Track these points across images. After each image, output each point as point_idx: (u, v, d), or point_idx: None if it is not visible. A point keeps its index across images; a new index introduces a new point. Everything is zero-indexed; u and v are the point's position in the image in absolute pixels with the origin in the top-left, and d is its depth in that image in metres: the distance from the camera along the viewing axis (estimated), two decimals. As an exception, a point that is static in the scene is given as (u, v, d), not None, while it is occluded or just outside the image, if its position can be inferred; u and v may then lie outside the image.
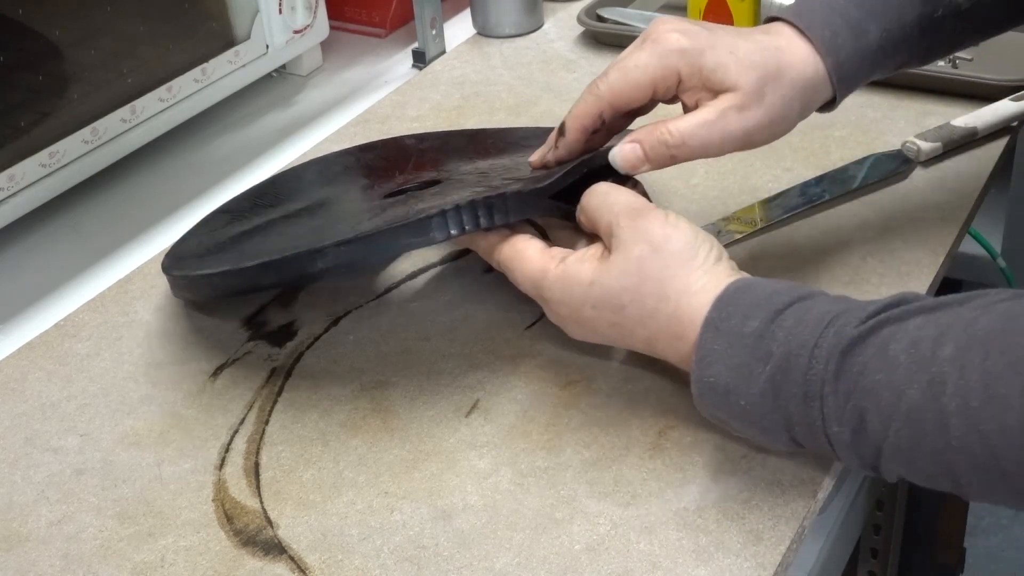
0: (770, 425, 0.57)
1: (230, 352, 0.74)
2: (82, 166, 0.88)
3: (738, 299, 0.59)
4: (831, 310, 0.56)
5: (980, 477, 0.51)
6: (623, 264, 0.62)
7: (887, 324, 0.54)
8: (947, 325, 0.52)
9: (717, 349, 0.58)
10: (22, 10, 0.82)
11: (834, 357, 0.54)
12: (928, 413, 0.51)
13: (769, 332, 0.56)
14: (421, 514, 0.61)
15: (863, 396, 0.53)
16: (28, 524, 0.63)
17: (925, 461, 0.52)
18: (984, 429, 0.49)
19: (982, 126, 0.88)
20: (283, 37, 1.03)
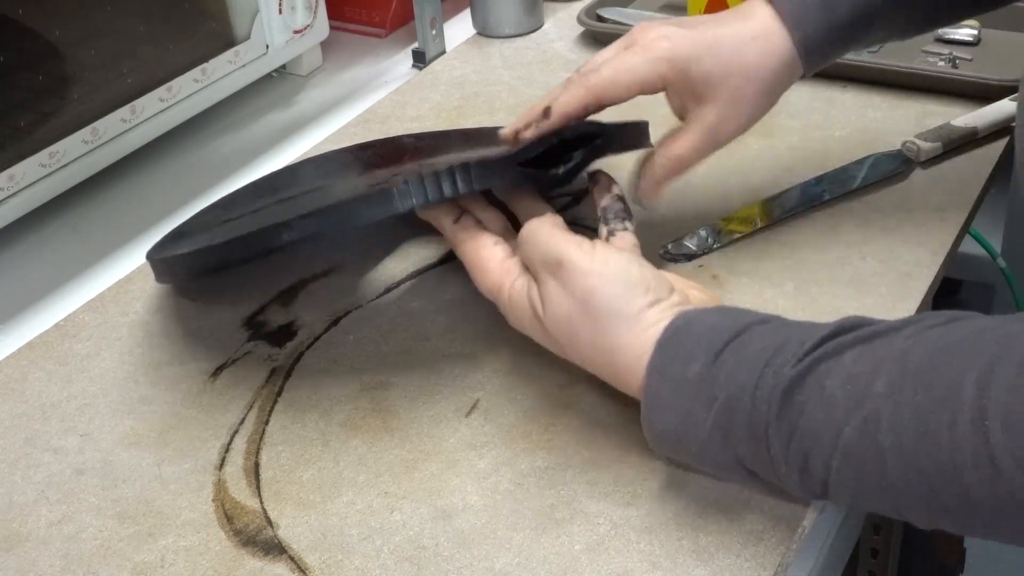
0: (725, 463, 0.57)
1: (230, 352, 0.74)
2: (82, 166, 0.88)
3: (679, 340, 0.58)
4: (769, 345, 0.55)
5: (923, 512, 0.51)
6: (554, 317, 0.62)
7: (823, 360, 0.53)
8: (881, 358, 0.52)
9: (663, 395, 0.58)
10: (22, 10, 0.82)
11: (775, 399, 0.54)
12: (867, 451, 0.51)
13: (710, 376, 0.56)
14: (421, 514, 0.61)
15: (804, 436, 0.53)
16: (28, 524, 0.63)
17: (869, 497, 0.53)
18: (920, 466, 0.50)
19: (982, 126, 0.88)
20: (283, 37, 1.03)
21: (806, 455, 0.53)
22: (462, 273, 0.79)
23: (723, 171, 0.87)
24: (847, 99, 0.96)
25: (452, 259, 0.80)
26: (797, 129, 0.92)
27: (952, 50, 1.01)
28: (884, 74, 0.96)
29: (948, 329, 0.52)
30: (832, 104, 0.95)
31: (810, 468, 0.54)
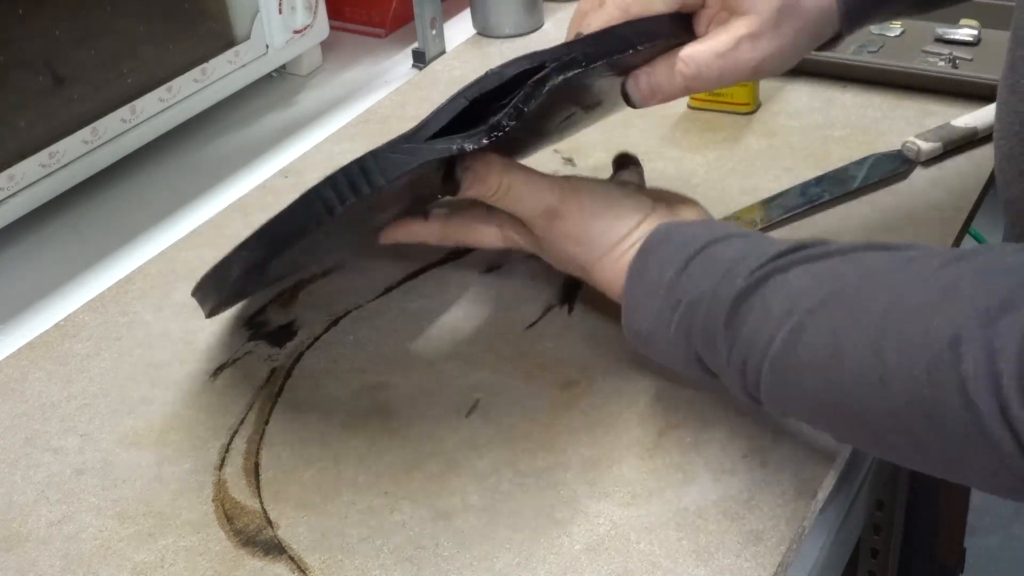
0: (687, 363, 0.61)
1: (230, 352, 0.74)
2: (82, 166, 0.88)
3: (658, 248, 0.63)
4: (733, 256, 0.59)
5: (835, 423, 0.55)
6: (551, 250, 0.68)
7: (773, 274, 0.56)
8: (819, 276, 0.55)
9: (639, 296, 0.63)
10: (22, 10, 0.82)
11: (724, 308, 0.57)
12: (788, 361, 0.54)
13: (679, 281, 0.60)
14: (421, 514, 0.61)
15: (743, 344, 0.56)
16: (28, 524, 0.63)
17: (791, 405, 0.57)
18: (829, 380, 0.52)
19: (982, 126, 0.88)
20: (283, 37, 1.03)
21: (744, 361, 0.57)
22: (462, 273, 0.79)
23: (723, 171, 0.87)
24: (847, 99, 0.96)
25: (452, 259, 0.80)
26: (797, 129, 0.92)
27: (952, 50, 1.01)
28: (884, 74, 0.96)
29: (882, 255, 0.54)
30: (832, 104, 0.95)
31: (747, 374, 0.57)
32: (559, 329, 0.74)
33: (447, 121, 0.60)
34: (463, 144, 0.59)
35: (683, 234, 0.63)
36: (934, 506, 1.22)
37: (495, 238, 0.71)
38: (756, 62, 0.65)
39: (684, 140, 0.92)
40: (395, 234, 0.73)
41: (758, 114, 0.95)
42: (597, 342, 0.72)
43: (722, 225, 0.64)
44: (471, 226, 0.72)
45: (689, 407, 0.67)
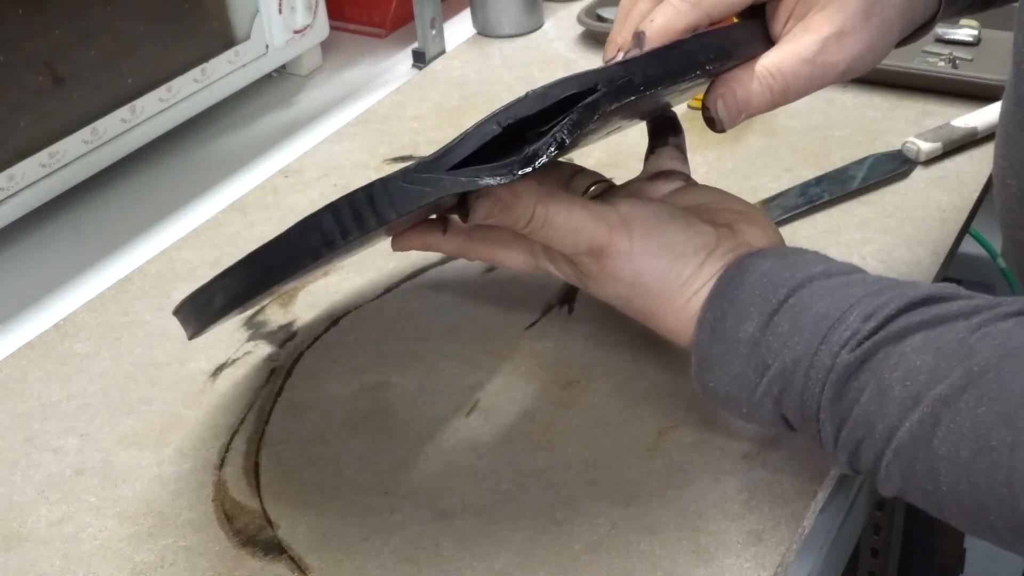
0: (773, 423, 0.56)
1: (230, 352, 0.74)
2: (82, 166, 0.88)
3: (731, 294, 0.55)
4: (828, 313, 0.53)
5: (970, 523, 0.50)
6: (601, 292, 0.59)
7: (883, 345, 0.51)
8: (946, 354, 0.49)
9: (715, 353, 0.56)
10: (22, 10, 0.82)
11: (830, 383, 0.52)
12: (919, 454, 0.49)
13: (764, 341, 0.54)
14: (421, 514, 0.61)
15: (857, 425, 0.51)
16: (28, 524, 0.63)
17: (915, 496, 0.51)
18: (973, 480, 0.47)
19: (982, 126, 0.88)
20: (283, 37, 1.03)
21: (858, 443, 0.52)
22: (462, 273, 0.79)
23: (723, 171, 0.87)
24: (847, 99, 0.96)
25: (452, 259, 0.80)
26: (797, 129, 0.92)
27: (952, 50, 1.01)
28: (884, 74, 0.96)
29: (1018, 326, 0.49)
30: (832, 104, 0.95)
31: (860, 456, 0.52)
32: (559, 329, 0.74)
33: (474, 149, 0.51)
34: (490, 178, 0.51)
35: (759, 277, 0.55)
36: (934, 506, 1.22)
37: (524, 264, 0.62)
38: (845, 64, 0.57)
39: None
40: (409, 243, 0.63)
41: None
42: (597, 342, 0.72)
43: (799, 258, 0.56)
44: (496, 247, 0.62)
45: (689, 407, 0.67)
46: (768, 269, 0.55)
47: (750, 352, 0.54)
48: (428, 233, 0.62)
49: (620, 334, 0.73)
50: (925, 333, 0.50)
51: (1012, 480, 0.46)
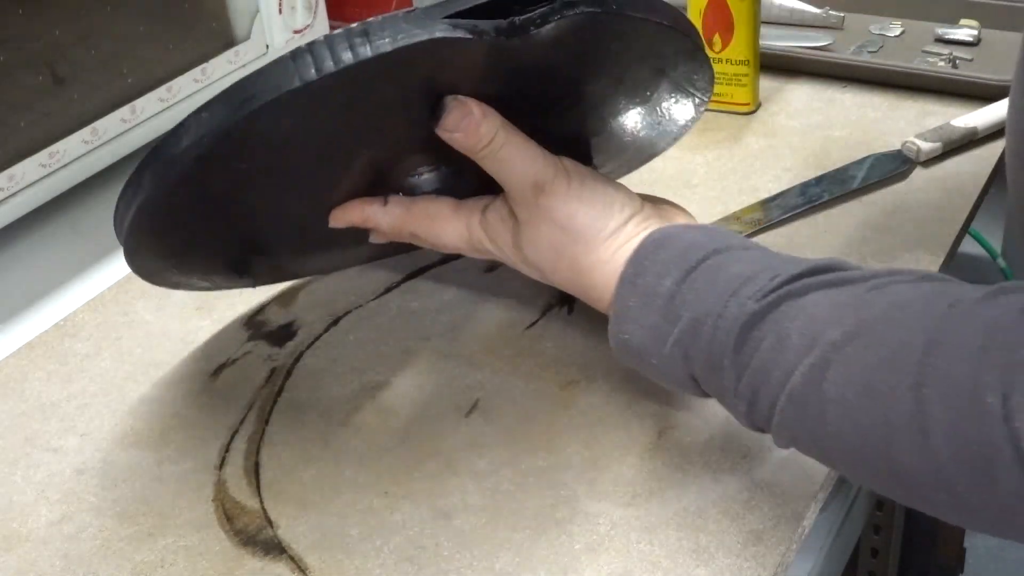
0: (681, 380, 0.58)
1: (230, 352, 0.74)
2: (82, 166, 0.88)
3: (654, 255, 0.59)
4: (741, 273, 0.55)
5: (851, 467, 0.52)
6: (535, 241, 0.62)
7: (787, 299, 0.53)
8: (841, 305, 0.52)
9: (632, 306, 0.58)
10: (22, 10, 0.82)
11: (734, 331, 0.54)
12: (810, 398, 0.51)
13: (680, 293, 0.56)
14: (421, 514, 0.61)
15: (756, 372, 0.53)
16: (28, 524, 0.63)
17: (807, 443, 0.53)
18: (858, 422, 0.49)
19: (982, 126, 0.88)
20: (283, 37, 1.02)
21: (755, 391, 0.54)
22: (462, 273, 0.79)
23: (723, 171, 0.87)
24: (847, 99, 0.96)
25: (452, 259, 0.80)
26: (797, 129, 0.92)
27: (952, 50, 1.01)
28: (884, 74, 0.97)
29: (912, 287, 0.51)
30: (832, 104, 0.95)
31: (758, 404, 0.54)
32: (559, 329, 0.74)
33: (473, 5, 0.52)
34: (486, 27, 0.51)
35: (682, 240, 0.59)
36: (934, 506, 1.22)
37: (458, 237, 0.65)
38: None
39: (684, 140, 0.91)
40: (349, 215, 0.66)
41: (758, 114, 0.95)
42: (597, 342, 0.72)
43: (721, 232, 0.60)
44: (435, 218, 0.65)
45: (689, 407, 0.67)
46: (692, 237, 0.59)
47: (665, 305, 0.57)
48: (368, 205, 0.65)
49: (620, 334, 0.73)
50: (826, 291, 0.53)
51: (890, 420, 0.48)
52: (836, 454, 0.52)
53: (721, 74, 0.93)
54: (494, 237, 0.64)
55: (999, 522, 0.48)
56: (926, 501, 0.49)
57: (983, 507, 0.47)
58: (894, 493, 0.52)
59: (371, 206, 0.66)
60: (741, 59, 0.92)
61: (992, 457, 0.45)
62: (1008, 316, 0.46)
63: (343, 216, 0.66)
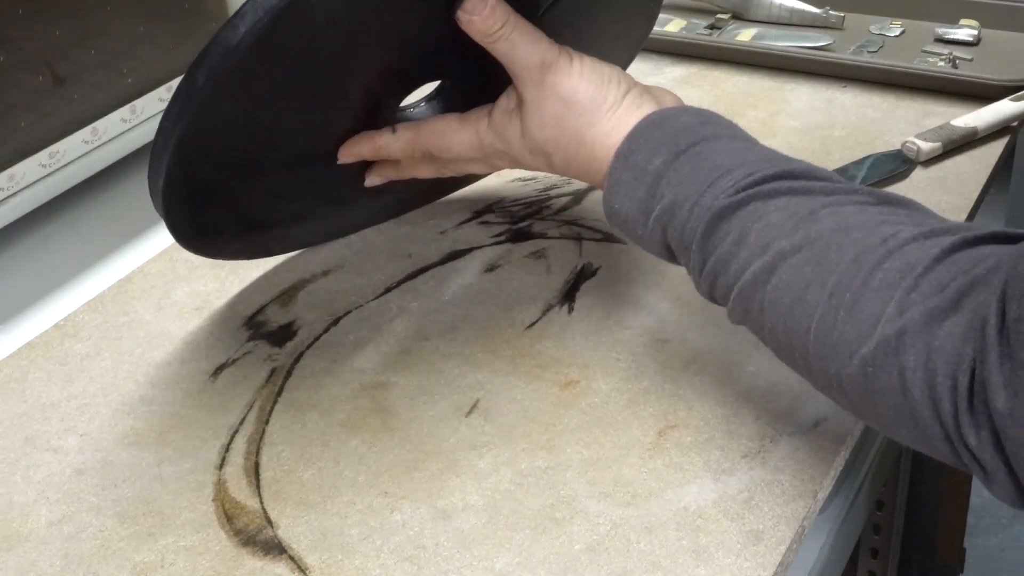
0: (660, 252, 0.63)
1: (230, 352, 0.74)
2: (82, 166, 0.88)
3: (649, 134, 0.63)
4: (722, 164, 0.60)
5: (783, 356, 0.58)
6: (542, 118, 0.66)
7: (755, 200, 0.58)
8: (799, 216, 0.57)
9: (624, 180, 0.63)
10: (22, 10, 0.82)
11: (703, 220, 0.59)
12: (755, 294, 0.57)
13: (666, 175, 0.61)
14: (421, 514, 0.61)
15: (718, 262, 0.59)
16: (28, 524, 0.63)
17: (752, 328, 0.60)
18: (788, 325, 0.56)
19: (982, 126, 0.88)
20: (283, 37, 1.02)
21: (715, 277, 0.60)
22: (462, 273, 0.79)
23: (723, 171, 0.87)
24: (847, 99, 0.96)
25: (452, 259, 0.80)
26: (797, 129, 0.92)
27: (952, 50, 1.01)
28: (884, 74, 0.97)
29: (860, 211, 0.57)
30: (832, 104, 0.95)
31: (716, 288, 0.60)
32: (559, 329, 0.74)
33: None
34: None
35: (676, 123, 0.63)
36: (934, 506, 1.22)
37: (470, 145, 0.70)
38: None
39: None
40: (359, 147, 0.70)
41: (758, 114, 0.95)
42: (597, 342, 0.72)
43: (712, 117, 0.64)
44: (444, 132, 0.70)
45: (689, 407, 0.67)
46: (685, 121, 0.64)
47: (653, 182, 0.62)
48: (378, 135, 0.70)
49: (620, 334, 0.73)
50: (789, 198, 0.58)
51: (810, 328, 0.55)
52: (770, 343, 0.59)
53: None
54: (501, 132, 0.68)
55: (883, 427, 0.55)
56: (832, 396, 0.57)
57: (872, 415, 0.54)
58: (812, 385, 0.58)
59: (381, 136, 0.70)
60: None
61: (883, 379, 0.51)
62: (925, 259, 0.52)
63: (353, 150, 0.70)
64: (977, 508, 1.69)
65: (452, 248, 0.82)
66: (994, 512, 1.72)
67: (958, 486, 1.25)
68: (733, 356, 0.70)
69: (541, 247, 0.82)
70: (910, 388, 0.51)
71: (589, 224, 0.83)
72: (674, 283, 0.76)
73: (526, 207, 0.86)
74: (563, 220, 0.84)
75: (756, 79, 0.99)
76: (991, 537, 1.71)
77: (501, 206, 0.86)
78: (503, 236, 0.83)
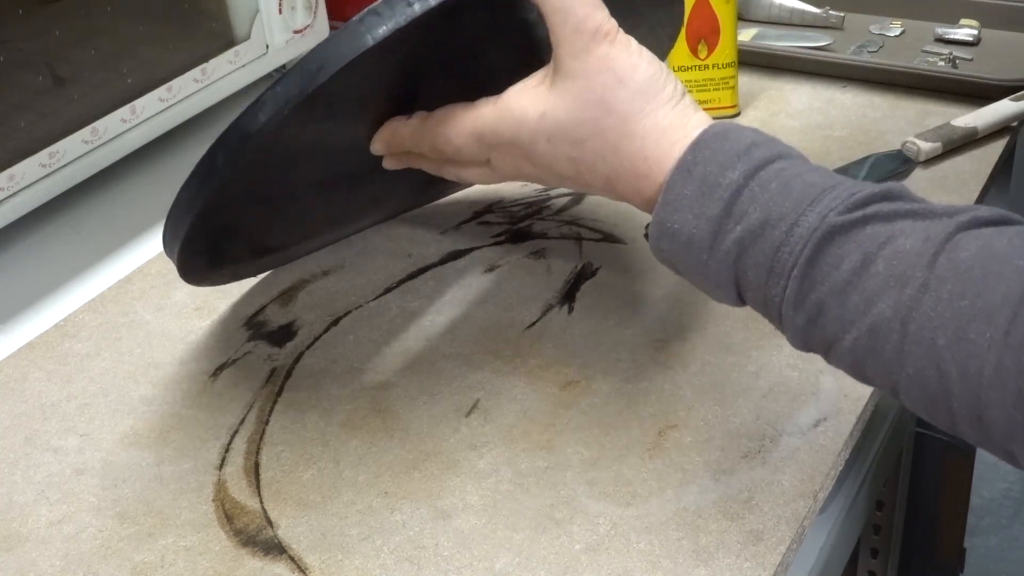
0: (723, 282, 0.55)
1: (230, 352, 0.74)
2: (82, 166, 0.88)
3: (716, 145, 0.55)
4: (818, 183, 0.53)
5: (925, 407, 0.51)
6: (584, 94, 0.57)
7: (874, 220, 0.51)
8: (933, 241, 0.50)
9: (687, 195, 0.54)
10: (22, 10, 0.82)
11: (812, 242, 0.51)
12: (892, 335, 0.49)
13: (748, 189, 0.53)
14: (421, 514, 0.61)
15: (830, 292, 0.51)
16: (28, 524, 0.63)
17: (873, 372, 0.52)
18: (944, 368, 0.48)
19: (982, 126, 0.88)
20: (283, 37, 1.03)
21: (824, 309, 0.51)
22: (462, 273, 0.79)
23: (723, 171, 0.87)
24: (847, 99, 0.96)
25: (452, 259, 0.81)
26: (797, 129, 0.92)
27: (952, 50, 1.01)
28: (884, 74, 0.97)
29: (1001, 231, 0.50)
30: (832, 104, 0.95)
31: (824, 324, 0.52)
32: (559, 329, 0.74)
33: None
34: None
35: (745, 137, 0.55)
36: (934, 506, 1.22)
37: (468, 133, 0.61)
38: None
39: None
40: (384, 135, 0.65)
41: (758, 114, 0.95)
42: (597, 342, 0.72)
43: (776, 138, 0.57)
44: (446, 119, 0.62)
45: (689, 407, 0.67)
46: (753, 136, 0.55)
47: (731, 198, 0.53)
48: (395, 122, 0.64)
49: (620, 334, 0.73)
50: (913, 221, 0.51)
51: (983, 372, 0.47)
52: (911, 392, 0.50)
53: (708, 80, 0.93)
54: (515, 110, 0.59)
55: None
56: (1005, 452, 0.49)
57: None
58: (970, 437, 0.50)
59: (396, 123, 0.64)
60: (727, 62, 0.92)
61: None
62: None
63: (380, 140, 0.65)
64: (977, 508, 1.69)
65: (452, 248, 0.82)
66: (994, 512, 1.73)
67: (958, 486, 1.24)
68: (733, 356, 0.70)
69: (541, 247, 0.82)
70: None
71: (589, 224, 0.83)
72: (674, 283, 0.76)
73: (526, 207, 0.86)
74: (563, 220, 0.84)
75: (756, 79, 0.99)
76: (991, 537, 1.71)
77: (501, 206, 0.86)
78: (503, 236, 0.83)
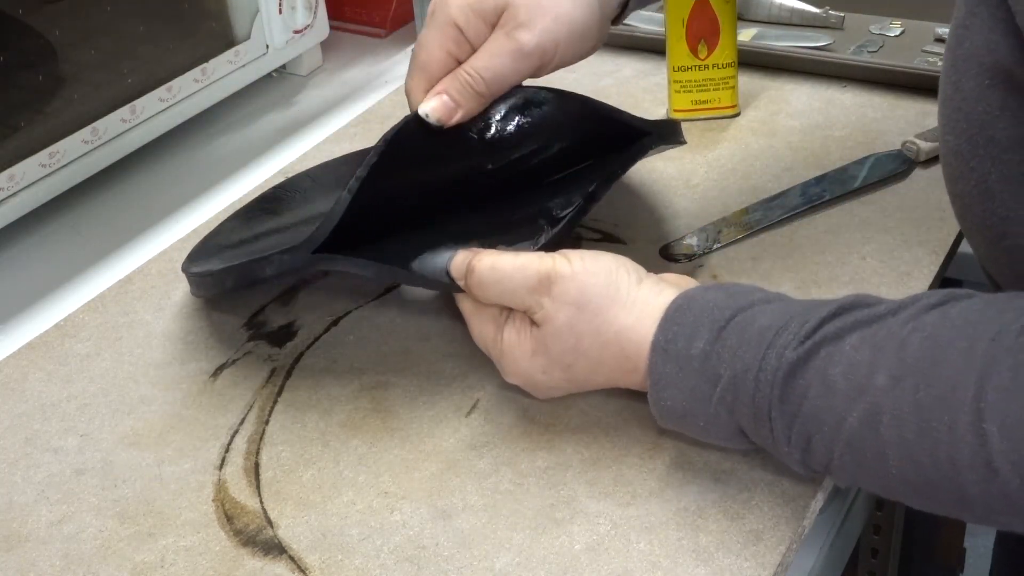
0: (730, 436, 0.59)
1: (230, 352, 0.74)
2: (82, 166, 0.88)
3: (680, 318, 0.59)
4: (772, 324, 0.56)
5: (920, 501, 0.54)
6: (555, 332, 0.62)
7: (824, 345, 0.54)
8: (880, 347, 0.53)
9: (668, 372, 0.59)
10: (22, 10, 0.82)
11: (777, 382, 0.55)
12: (867, 442, 0.52)
13: (715, 352, 0.57)
14: (421, 514, 0.61)
15: (807, 421, 0.54)
16: (28, 524, 0.63)
17: (870, 482, 0.55)
18: (919, 460, 0.51)
19: (982, 126, 0.88)
20: (283, 37, 1.03)
21: (808, 438, 0.55)
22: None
23: (723, 171, 0.87)
24: (847, 99, 0.96)
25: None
26: (797, 129, 0.92)
27: (952, 50, 1.01)
28: (884, 74, 0.96)
29: (943, 314, 0.52)
30: (832, 104, 0.95)
31: (812, 450, 0.55)
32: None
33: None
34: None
35: (705, 302, 0.59)
36: (934, 506, 1.22)
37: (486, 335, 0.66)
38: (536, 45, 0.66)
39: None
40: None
41: (758, 114, 0.95)
42: (597, 342, 0.72)
43: (740, 288, 0.60)
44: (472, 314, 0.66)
45: (689, 407, 0.67)
46: (714, 297, 0.59)
47: (702, 366, 0.57)
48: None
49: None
50: (861, 332, 0.54)
51: (953, 456, 0.49)
52: (901, 491, 0.54)
53: (708, 80, 0.93)
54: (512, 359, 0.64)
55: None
56: (997, 523, 0.52)
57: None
58: (964, 517, 0.53)
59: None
60: (727, 62, 0.92)
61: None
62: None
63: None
64: (977, 508, 1.68)
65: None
66: (994, 512, 1.72)
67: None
68: (733, 356, 0.70)
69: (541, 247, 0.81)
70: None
71: (589, 224, 0.83)
72: (674, 283, 0.76)
73: (526, 207, 0.86)
74: (563, 220, 0.84)
75: (756, 79, 0.99)
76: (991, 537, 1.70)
77: (501, 206, 0.86)
78: (503, 236, 0.83)
